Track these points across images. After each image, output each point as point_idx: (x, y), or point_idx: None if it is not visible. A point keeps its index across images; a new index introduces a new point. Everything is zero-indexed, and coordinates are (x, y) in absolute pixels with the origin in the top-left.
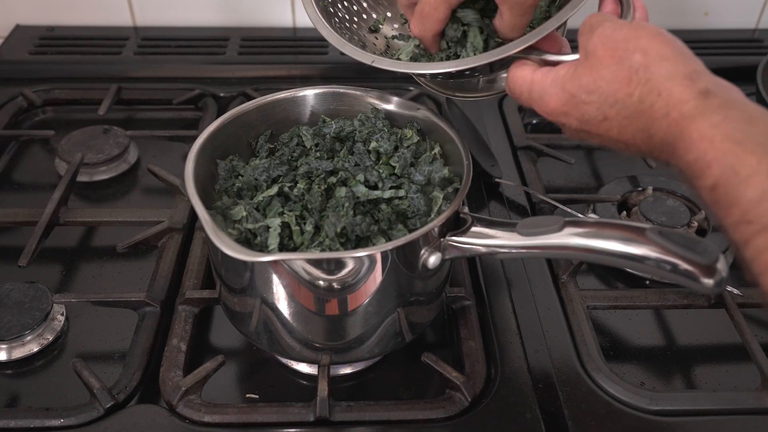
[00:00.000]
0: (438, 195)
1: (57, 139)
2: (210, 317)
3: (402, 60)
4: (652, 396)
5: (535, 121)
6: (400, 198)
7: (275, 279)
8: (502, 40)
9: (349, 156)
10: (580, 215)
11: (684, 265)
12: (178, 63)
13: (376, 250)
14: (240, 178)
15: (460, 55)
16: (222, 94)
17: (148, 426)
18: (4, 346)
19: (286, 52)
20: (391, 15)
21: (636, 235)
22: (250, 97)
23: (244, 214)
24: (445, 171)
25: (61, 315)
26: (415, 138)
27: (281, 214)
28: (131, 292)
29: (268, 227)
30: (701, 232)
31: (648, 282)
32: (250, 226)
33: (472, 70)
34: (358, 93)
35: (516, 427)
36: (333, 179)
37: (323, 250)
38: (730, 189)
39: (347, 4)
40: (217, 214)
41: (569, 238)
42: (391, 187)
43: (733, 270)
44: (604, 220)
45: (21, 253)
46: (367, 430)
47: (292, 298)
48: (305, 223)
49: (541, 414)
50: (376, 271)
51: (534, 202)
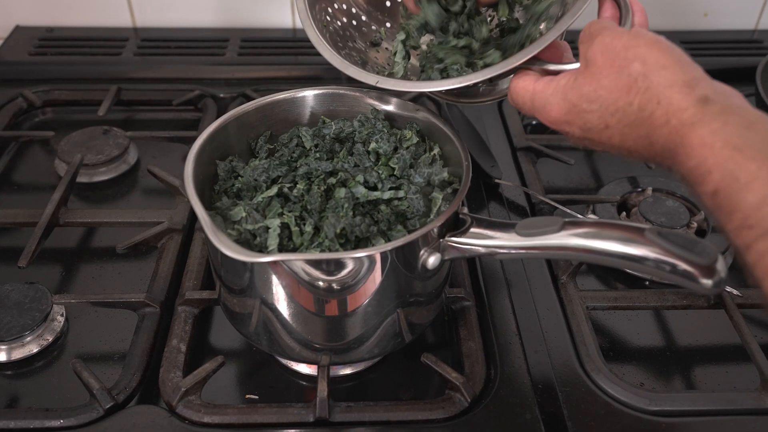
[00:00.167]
0: (437, 196)
1: (57, 139)
2: (210, 318)
3: (396, 74)
4: (652, 396)
5: (534, 122)
6: (400, 199)
7: (275, 280)
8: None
9: (349, 157)
10: (579, 216)
11: (683, 266)
12: (178, 64)
13: (376, 251)
14: (239, 178)
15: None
16: (222, 95)
17: (147, 427)
18: (3, 347)
19: (286, 53)
20: (390, 26)
21: (635, 235)
22: (249, 98)
23: (244, 214)
24: (445, 173)
25: (61, 316)
26: (415, 139)
27: (281, 214)
28: (131, 293)
29: (267, 228)
30: (701, 232)
31: (647, 283)
32: (250, 227)
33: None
34: (358, 94)
35: (516, 428)
36: (332, 180)
37: (323, 251)
38: (731, 195)
39: (346, 20)
40: (216, 214)
41: (568, 238)
42: (390, 188)
43: (732, 271)
44: (604, 220)
45: (21, 254)
46: (366, 431)
47: (291, 298)
48: (305, 224)
49: (540, 414)
50: (375, 272)
51: (533, 202)
